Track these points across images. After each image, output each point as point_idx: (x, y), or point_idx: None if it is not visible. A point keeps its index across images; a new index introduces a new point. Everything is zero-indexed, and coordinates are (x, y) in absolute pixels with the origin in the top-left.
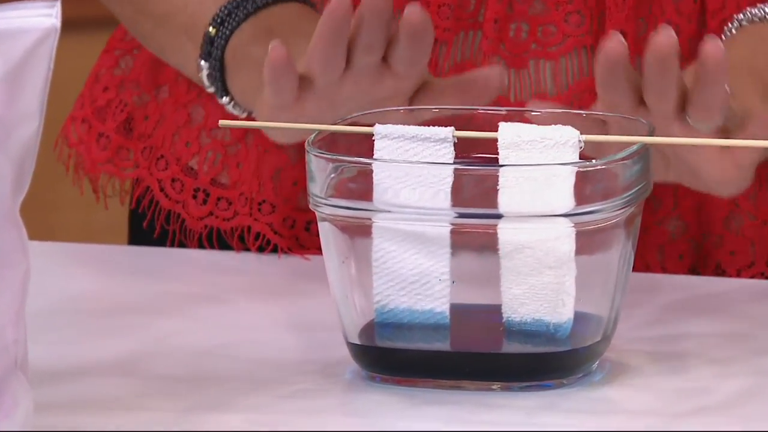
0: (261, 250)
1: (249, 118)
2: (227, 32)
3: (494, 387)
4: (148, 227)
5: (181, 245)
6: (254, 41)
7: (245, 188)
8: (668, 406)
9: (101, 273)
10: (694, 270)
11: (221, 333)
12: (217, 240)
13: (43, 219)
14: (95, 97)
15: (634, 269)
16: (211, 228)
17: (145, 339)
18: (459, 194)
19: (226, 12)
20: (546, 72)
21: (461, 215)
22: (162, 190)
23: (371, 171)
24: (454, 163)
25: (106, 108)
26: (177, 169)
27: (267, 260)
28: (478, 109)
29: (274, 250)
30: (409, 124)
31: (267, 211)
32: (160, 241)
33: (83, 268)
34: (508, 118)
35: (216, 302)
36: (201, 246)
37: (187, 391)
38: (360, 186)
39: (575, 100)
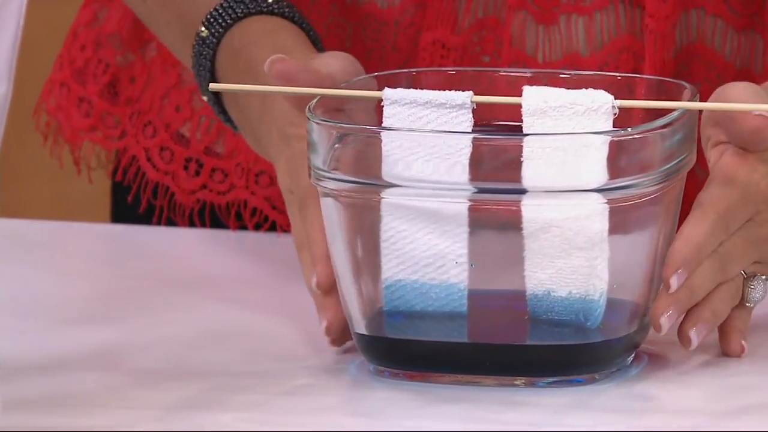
0: (258, 227)
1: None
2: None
3: (517, 383)
4: (133, 201)
5: (170, 222)
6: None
7: (242, 158)
8: (713, 404)
9: (77, 254)
10: None
11: (212, 322)
12: (209, 217)
13: (11, 192)
14: (74, 57)
15: None
16: (203, 203)
17: (126, 329)
18: (478, 167)
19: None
20: (578, 29)
21: (480, 190)
22: (149, 159)
23: (380, 141)
24: (473, 131)
25: (85, 69)
26: (166, 137)
27: (264, 239)
28: (499, 71)
29: (273, 228)
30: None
31: (265, 184)
32: (146, 217)
33: (56, 248)
34: (533, 81)
35: (207, 287)
36: (192, 224)
37: (173, 387)
38: (367, 158)
39: (611, 61)
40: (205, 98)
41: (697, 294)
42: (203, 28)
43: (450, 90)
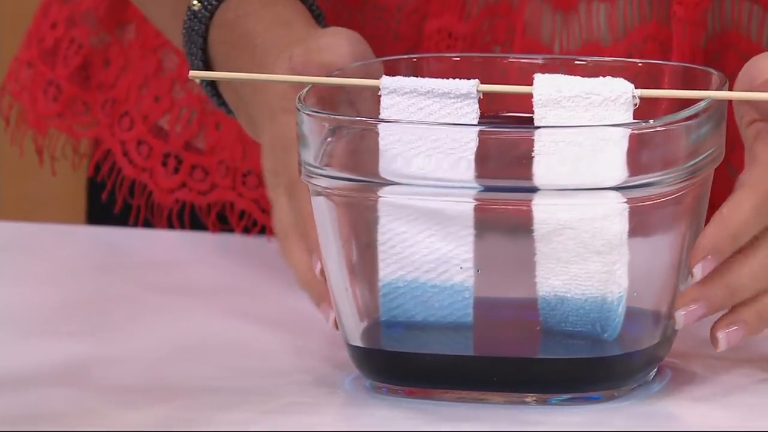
0: (246, 231)
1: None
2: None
3: (528, 400)
4: (108, 200)
5: (147, 224)
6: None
7: (226, 155)
8: (742, 424)
9: (46, 258)
10: None
11: (193, 333)
12: (189, 218)
13: None
14: (43, 35)
15: None
16: (183, 203)
17: (98, 341)
18: (485, 163)
19: None
20: (600, 16)
21: (487, 189)
22: (126, 154)
23: (377, 134)
24: (479, 124)
25: (55, 49)
26: (144, 129)
27: (251, 243)
28: (508, 57)
29: (262, 232)
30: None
31: (253, 185)
32: (122, 217)
33: (23, 252)
34: (545, 69)
35: (188, 295)
36: (170, 225)
37: (150, 405)
38: (363, 152)
39: (635, 51)
40: (196, 80)
41: (739, 294)
42: (195, 2)
43: (454, 78)
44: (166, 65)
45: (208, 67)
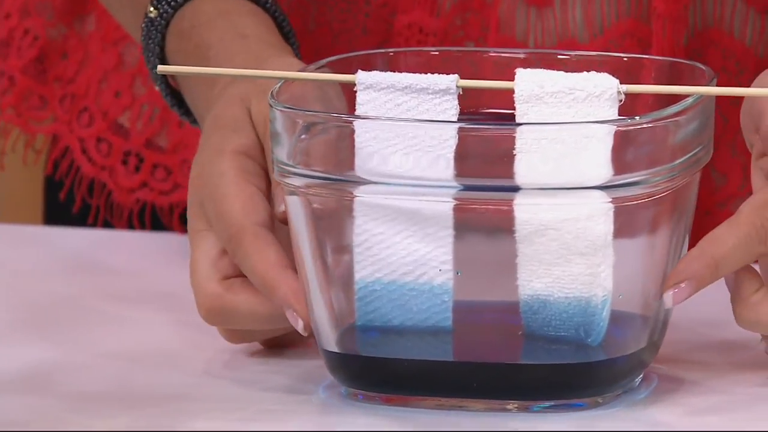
0: None
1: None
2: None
3: (510, 407)
4: (67, 199)
5: (107, 225)
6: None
7: (189, 154)
8: None
9: (2, 261)
10: None
11: (160, 338)
12: (151, 219)
13: None
14: None
15: None
16: (144, 203)
17: (60, 346)
18: (464, 161)
19: None
20: (575, 12)
21: (467, 188)
22: (84, 152)
23: (352, 131)
24: (459, 120)
25: (8, 40)
26: (103, 126)
27: None
28: (488, 51)
29: None
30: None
31: None
32: (81, 218)
33: None
34: (527, 63)
35: (153, 298)
36: (131, 226)
37: (115, 413)
38: (338, 150)
39: (613, 47)
40: (158, 87)
41: (724, 268)
42: (151, 8)
43: (432, 73)
44: (127, 59)
45: (166, 78)
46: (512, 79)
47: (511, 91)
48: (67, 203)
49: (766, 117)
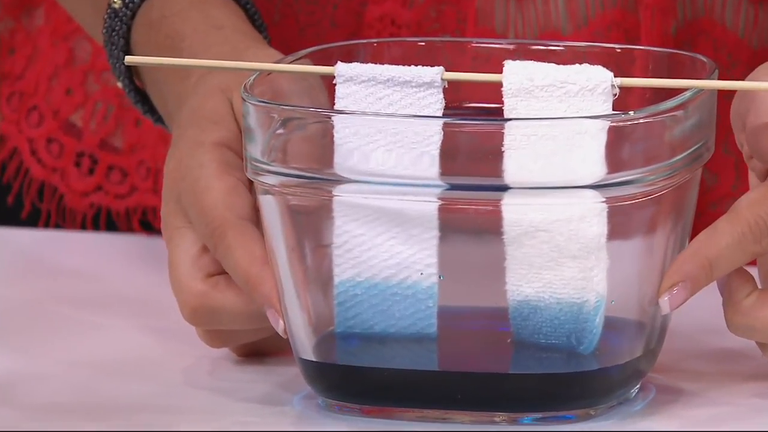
0: None
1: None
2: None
3: (497, 419)
4: (14, 204)
5: (58, 229)
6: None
7: (147, 155)
8: None
9: None
10: None
11: (126, 346)
12: (106, 224)
13: None
14: None
15: None
16: (98, 207)
17: (18, 355)
18: (450, 159)
19: None
20: (558, 2)
21: (453, 187)
22: (34, 153)
23: (331, 126)
24: (444, 115)
25: None
26: (54, 126)
27: None
28: (474, 42)
29: None
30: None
31: None
32: (30, 223)
33: None
34: (516, 55)
35: (117, 303)
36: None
37: (82, 424)
38: (316, 147)
39: (598, 39)
40: (120, 84)
41: (719, 269)
42: None
43: (416, 65)
44: (79, 54)
45: (131, 73)
46: (500, 72)
47: (500, 85)
48: (15, 208)
49: (751, 115)
